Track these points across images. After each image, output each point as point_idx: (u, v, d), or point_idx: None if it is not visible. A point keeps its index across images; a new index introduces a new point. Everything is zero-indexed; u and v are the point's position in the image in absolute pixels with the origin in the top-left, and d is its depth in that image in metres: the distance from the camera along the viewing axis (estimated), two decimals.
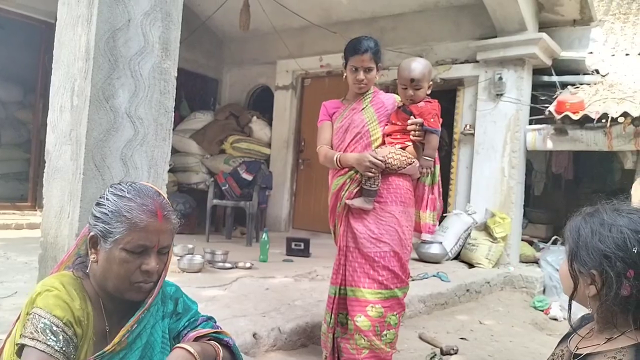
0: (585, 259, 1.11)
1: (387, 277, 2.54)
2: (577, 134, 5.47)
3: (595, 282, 1.09)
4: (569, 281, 1.15)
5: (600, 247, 1.09)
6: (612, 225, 1.10)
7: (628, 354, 1.05)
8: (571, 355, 1.15)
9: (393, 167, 2.56)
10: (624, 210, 1.14)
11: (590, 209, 1.18)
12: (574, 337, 1.22)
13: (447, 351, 3.28)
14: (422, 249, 5.65)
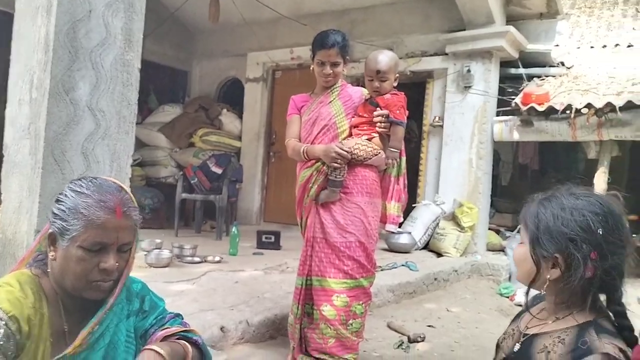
0: (548, 243, 1.12)
1: (353, 267, 2.58)
2: (542, 125, 5.60)
3: (559, 266, 1.11)
4: (527, 266, 1.17)
5: (565, 231, 1.11)
6: (573, 209, 1.13)
7: (570, 334, 1.08)
8: (520, 335, 1.19)
9: (359, 158, 2.59)
10: (580, 193, 1.17)
11: (545, 194, 1.20)
12: (525, 315, 1.26)
13: (415, 339, 3.35)
14: (391, 239, 5.72)
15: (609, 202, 1.15)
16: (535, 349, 1.12)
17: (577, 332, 1.08)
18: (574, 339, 1.07)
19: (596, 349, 1.02)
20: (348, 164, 2.59)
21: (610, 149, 5.49)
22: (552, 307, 1.17)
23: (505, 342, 1.24)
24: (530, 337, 1.16)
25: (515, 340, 1.20)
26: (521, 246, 1.19)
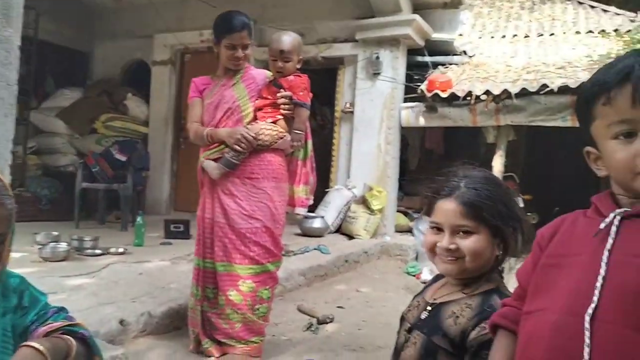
0: (506, 221, 1.18)
1: (259, 253, 2.57)
2: (445, 111, 5.85)
3: (509, 240, 1.19)
4: (487, 253, 1.19)
5: (505, 206, 1.19)
6: (500, 186, 1.23)
7: (477, 300, 1.16)
8: (427, 304, 1.23)
9: (265, 144, 2.56)
10: (487, 173, 1.27)
11: (459, 173, 1.23)
12: (430, 289, 1.31)
13: (324, 320, 3.39)
14: (305, 224, 5.76)
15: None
16: (444, 315, 1.17)
17: (483, 298, 1.16)
18: (480, 303, 1.14)
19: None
20: (253, 150, 2.55)
21: (507, 134, 5.85)
22: (459, 280, 1.22)
23: (410, 313, 1.29)
24: (438, 305, 1.21)
25: (422, 310, 1.24)
26: (473, 237, 1.17)
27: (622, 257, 0.79)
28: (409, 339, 1.21)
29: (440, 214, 1.19)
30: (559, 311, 0.83)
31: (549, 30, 7.32)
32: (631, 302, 0.75)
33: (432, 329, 1.17)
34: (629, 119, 0.83)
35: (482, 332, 1.08)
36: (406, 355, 1.20)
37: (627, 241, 0.80)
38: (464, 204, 1.16)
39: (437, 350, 1.13)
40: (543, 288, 0.90)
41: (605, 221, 0.83)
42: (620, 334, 0.75)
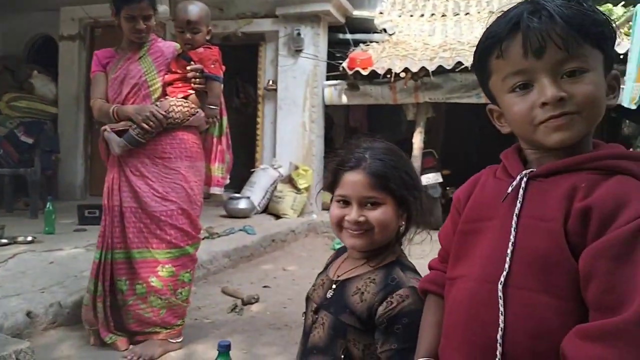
0: (410, 191, 1.17)
1: (177, 236, 2.47)
2: (367, 89, 5.92)
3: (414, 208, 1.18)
4: (393, 223, 1.18)
5: (409, 174, 1.18)
6: (402, 155, 1.20)
7: (380, 274, 1.14)
8: (332, 282, 1.21)
9: (176, 121, 2.44)
10: (384, 143, 1.23)
11: (362, 145, 1.20)
12: (333, 266, 1.28)
13: (248, 301, 3.36)
14: (230, 205, 5.66)
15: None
16: (349, 292, 1.15)
17: (386, 271, 1.14)
18: (383, 277, 1.13)
19: (404, 283, 1.10)
20: (164, 128, 2.43)
21: (426, 111, 6.02)
22: (361, 254, 1.20)
23: (315, 292, 1.25)
24: (342, 283, 1.18)
25: (327, 289, 1.21)
26: (381, 208, 1.14)
27: (530, 221, 0.78)
28: (316, 320, 1.18)
29: (347, 186, 1.16)
30: (475, 278, 0.83)
31: (464, 9, 7.56)
32: (540, 267, 0.75)
33: (339, 308, 1.14)
34: (523, 70, 0.80)
35: (389, 307, 1.07)
36: (315, 337, 1.16)
37: (534, 203, 0.79)
38: (371, 174, 1.13)
39: (346, 328, 1.11)
40: (461, 254, 0.90)
41: (512, 184, 0.82)
42: (532, 299, 0.75)
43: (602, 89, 0.79)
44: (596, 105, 0.79)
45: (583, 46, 0.77)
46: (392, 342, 1.05)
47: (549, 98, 0.77)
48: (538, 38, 0.77)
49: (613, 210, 0.71)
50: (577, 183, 0.75)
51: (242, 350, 2.61)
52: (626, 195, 0.72)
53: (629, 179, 0.75)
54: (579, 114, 0.78)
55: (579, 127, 0.78)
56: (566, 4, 0.78)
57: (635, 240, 0.68)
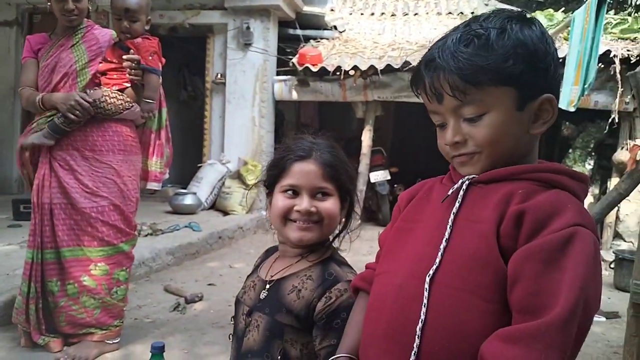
0: (353, 184, 1.18)
1: (109, 233, 2.37)
2: (317, 86, 5.92)
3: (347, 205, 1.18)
4: (338, 217, 1.18)
5: (351, 169, 1.18)
6: (341, 151, 1.19)
7: (316, 270, 1.12)
8: (264, 283, 1.17)
9: (108, 112, 2.33)
10: (319, 138, 1.22)
11: (307, 139, 1.18)
12: (263, 266, 1.24)
13: (192, 299, 3.28)
14: (175, 201, 5.53)
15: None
16: (284, 290, 1.12)
17: (322, 267, 1.12)
18: (320, 273, 1.11)
19: (342, 277, 1.09)
20: (95, 118, 2.31)
21: (375, 109, 6.08)
22: (295, 251, 1.17)
23: (246, 295, 1.20)
24: (276, 282, 1.15)
25: (260, 290, 1.17)
26: (331, 199, 1.13)
27: (465, 223, 0.80)
28: (250, 322, 1.14)
29: (297, 176, 1.12)
30: (403, 274, 0.83)
31: (413, 10, 7.69)
32: (468, 267, 0.75)
33: (275, 308, 1.11)
34: (434, 111, 0.85)
35: (328, 302, 1.05)
36: (250, 341, 1.12)
37: (470, 206, 0.81)
38: (324, 164, 1.11)
39: (283, 328, 1.08)
40: (393, 250, 0.90)
41: (454, 187, 0.84)
42: (455, 298, 0.76)
43: (507, 125, 0.79)
44: (495, 144, 0.80)
45: (480, 91, 0.77)
46: (332, 338, 1.03)
47: (448, 142, 0.83)
48: (431, 88, 0.81)
49: (548, 216, 0.72)
50: (514, 190, 0.78)
51: (183, 350, 2.55)
52: (562, 203, 0.74)
53: (566, 193, 0.78)
54: (480, 153, 0.82)
55: (482, 163, 0.82)
56: (464, 50, 0.77)
57: (565, 246, 0.70)
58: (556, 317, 0.66)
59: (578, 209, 0.74)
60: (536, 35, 0.79)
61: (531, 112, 0.80)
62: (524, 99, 0.79)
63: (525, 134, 0.81)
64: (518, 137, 0.81)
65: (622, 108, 4.94)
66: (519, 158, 0.82)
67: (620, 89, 4.84)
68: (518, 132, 0.80)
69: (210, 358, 2.49)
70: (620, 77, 4.76)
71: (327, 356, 1.03)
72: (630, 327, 2.31)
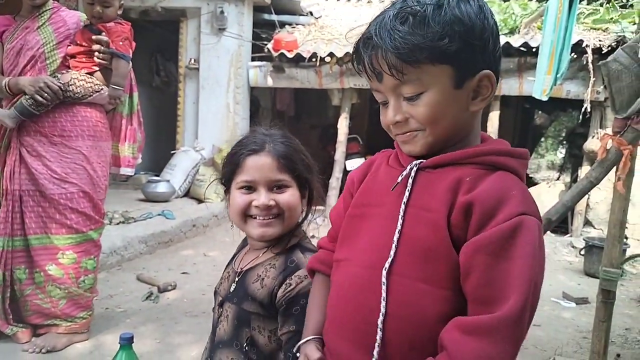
0: (312, 173, 1.15)
1: (78, 221, 2.31)
2: (293, 72, 5.85)
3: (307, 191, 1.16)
4: (299, 208, 1.16)
5: (306, 157, 1.16)
6: (296, 140, 1.17)
7: (280, 258, 1.12)
8: (236, 274, 1.17)
9: (76, 95, 2.26)
10: (273, 129, 1.20)
11: (260, 131, 1.16)
12: (238, 257, 1.24)
13: (165, 288, 3.23)
14: (148, 189, 5.43)
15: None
16: (250, 280, 1.12)
17: (286, 255, 1.12)
18: (283, 261, 1.11)
19: (302, 264, 1.07)
20: (64, 103, 2.25)
21: (351, 97, 6.05)
22: (261, 244, 1.17)
23: (222, 286, 1.21)
24: (244, 273, 1.15)
25: (232, 281, 1.17)
26: (289, 190, 1.12)
27: (417, 211, 0.79)
28: (221, 313, 1.15)
29: (252, 171, 1.10)
30: (360, 264, 0.83)
31: None
32: (423, 257, 0.76)
33: (241, 297, 1.11)
34: (376, 90, 0.83)
35: (288, 289, 1.05)
36: (221, 331, 1.13)
37: (421, 194, 0.80)
38: (279, 157, 1.09)
39: (250, 316, 1.08)
40: (348, 238, 0.89)
41: (403, 174, 0.83)
42: (413, 287, 0.76)
43: (446, 103, 0.78)
44: (435, 122, 0.79)
45: (418, 69, 0.76)
46: (291, 324, 1.04)
47: (389, 121, 0.82)
48: (370, 67, 0.79)
49: (493, 207, 0.73)
50: (462, 176, 0.77)
51: (155, 340, 2.51)
52: (506, 192, 0.74)
53: (509, 175, 0.78)
54: (422, 131, 0.80)
55: (423, 141, 0.81)
56: (400, 29, 0.75)
57: (512, 237, 0.71)
58: (510, 311, 0.68)
59: (522, 195, 0.75)
60: (473, 10, 0.76)
61: (470, 89, 0.79)
62: (462, 77, 0.77)
63: (465, 112, 0.80)
64: (458, 115, 0.80)
65: (594, 98, 5.03)
66: (460, 134, 0.82)
67: (592, 78, 4.91)
68: (457, 109, 0.79)
69: (183, 347, 2.46)
70: (592, 67, 4.83)
71: (287, 342, 1.03)
72: (599, 312, 2.36)
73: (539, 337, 2.79)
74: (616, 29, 4.91)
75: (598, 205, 5.19)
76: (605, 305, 2.37)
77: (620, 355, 2.57)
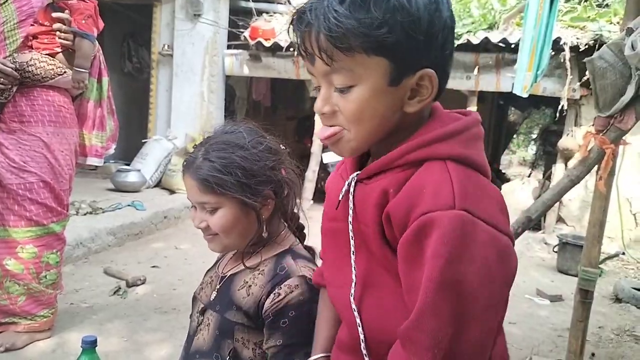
0: (257, 184, 1.03)
1: (38, 212, 2.18)
2: (270, 61, 5.73)
3: (269, 201, 1.05)
4: (242, 224, 1.05)
5: (268, 164, 1.04)
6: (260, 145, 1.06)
7: (269, 264, 1.04)
8: (219, 279, 1.10)
9: (36, 78, 2.12)
10: (229, 129, 1.10)
11: (207, 139, 1.08)
12: (222, 262, 1.17)
13: (134, 282, 3.11)
14: (118, 178, 5.26)
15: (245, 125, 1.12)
16: (235, 286, 1.05)
17: (275, 261, 1.05)
18: (272, 267, 1.04)
19: (293, 272, 1.01)
20: (24, 85, 2.10)
21: None
22: (248, 248, 1.09)
23: (203, 292, 1.13)
24: (229, 278, 1.07)
25: (215, 286, 1.10)
26: (219, 212, 1.03)
27: (361, 227, 0.74)
28: (202, 321, 1.07)
29: (187, 190, 1.05)
30: (335, 284, 0.83)
31: None
32: (377, 270, 0.74)
33: (224, 305, 1.04)
34: (311, 72, 0.74)
35: (276, 299, 0.97)
36: (199, 341, 1.06)
37: (360, 209, 0.74)
38: (198, 180, 1.01)
39: (233, 327, 1.01)
40: (325, 255, 0.89)
41: (342, 191, 0.76)
42: (379, 300, 0.75)
43: (376, 101, 0.69)
44: (361, 121, 0.71)
45: (350, 58, 0.67)
46: (277, 338, 0.97)
47: (317, 110, 0.74)
48: (302, 46, 0.71)
49: (405, 215, 0.67)
50: (387, 187, 0.70)
51: (122, 338, 2.40)
52: (416, 193, 0.67)
53: (432, 166, 0.69)
54: (347, 132, 0.72)
55: (347, 145, 0.73)
56: (338, 9, 0.66)
57: (417, 241, 0.65)
58: (412, 318, 0.64)
59: (433, 189, 0.66)
60: (424, 0, 0.67)
61: (407, 88, 0.70)
62: (399, 73, 0.68)
63: (397, 112, 0.71)
64: (387, 116, 0.71)
65: (570, 95, 5.06)
66: (393, 137, 0.73)
67: (569, 76, 4.94)
68: (388, 109, 0.70)
69: (152, 346, 2.36)
70: (570, 64, 4.85)
71: (273, 357, 0.97)
72: (577, 312, 2.36)
73: (515, 334, 2.78)
74: (593, 28, 4.94)
75: (571, 202, 5.25)
76: (583, 304, 2.36)
77: (595, 355, 2.58)
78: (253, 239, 1.06)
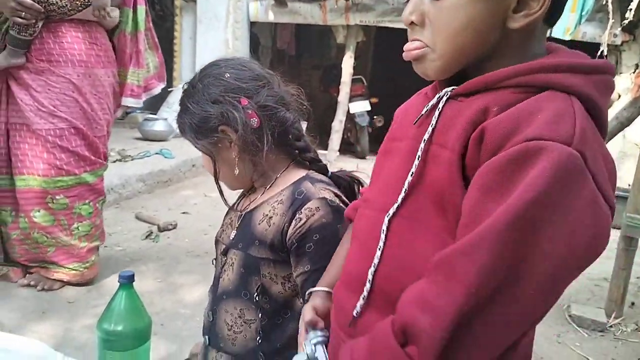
0: (206, 123, 0.98)
1: (69, 161, 2.09)
2: (295, 7, 5.55)
3: (230, 136, 0.98)
4: (208, 160, 1.03)
5: (205, 99, 0.99)
6: (207, 78, 1.02)
7: (286, 192, 1.00)
8: (240, 216, 1.06)
9: (62, 10, 1.97)
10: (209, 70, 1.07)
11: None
12: (242, 200, 1.13)
13: (165, 227, 3.14)
14: (145, 127, 5.27)
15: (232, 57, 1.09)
16: (255, 221, 1.00)
17: (292, 189, 1.00)
18: (290, 194, 0.99)
19: (313, 194, 0.96)
20: (50, 20, 1.98)
21: (356, 34, 5.77)
22: (259, 181, 1.06)
23: (224, 233, 1.10)
24: (248, 214, 1.03)
25: (234, 227, 1.06)
26: (205, 157, 1.04)
27: (436, 149, 0.63)
28: (225, 262, 1.03)
29: None
30: (375, 206, 0.71)
31: None
32: (433, 203, 0.62)
33: (247, 242, 0.99)
34: None
35: (298, 224, 0.93)
36: (225, 281, 1.02)
37: (444, 127, 0.63)
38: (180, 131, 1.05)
39: (259, 263, 0.97)
40: (373, 176, 0.78)
41: (428, 105, 0.66)
42: (414, 233, 0.63)
43: (472, 7, 0.59)
44: (452, 36, 0.61)
45: None
46: (305, 264, 0.93)
47: (404, 19, 0.64)
48: None
49: (506, 134, 0.54)
50: (489, 105, 0.58)
51: (156, 280, 2.43)
52: (530, 114, 0.54)
53: (558, 96, 0.56)
54: (432, 50, 0.63)
55: (432, 65, 0.64)
56: None
57: (513, 166, 0.52)
58: (462, 243, 0.52)
59: (552, 116, 0.53)
60: None
61: None
62: None
63: (498, 28, 0.60)
64: (484, 31, 0.60)
65: (611, 41, 4.79)
66: (481, 60, 0.62)
67: (611, 20, 4.66)
68: (487, 22, 0.59)
69: (186, 288, 2.39)
70: (612, 7, 4.57)
71: (303, 284, 0.93)
72: (620, 260, 2.29)
73: None
74: None
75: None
76: (627, 252, 2.29)
77: (635, 304, 2.52)
78: (252, 176, 1.04)
